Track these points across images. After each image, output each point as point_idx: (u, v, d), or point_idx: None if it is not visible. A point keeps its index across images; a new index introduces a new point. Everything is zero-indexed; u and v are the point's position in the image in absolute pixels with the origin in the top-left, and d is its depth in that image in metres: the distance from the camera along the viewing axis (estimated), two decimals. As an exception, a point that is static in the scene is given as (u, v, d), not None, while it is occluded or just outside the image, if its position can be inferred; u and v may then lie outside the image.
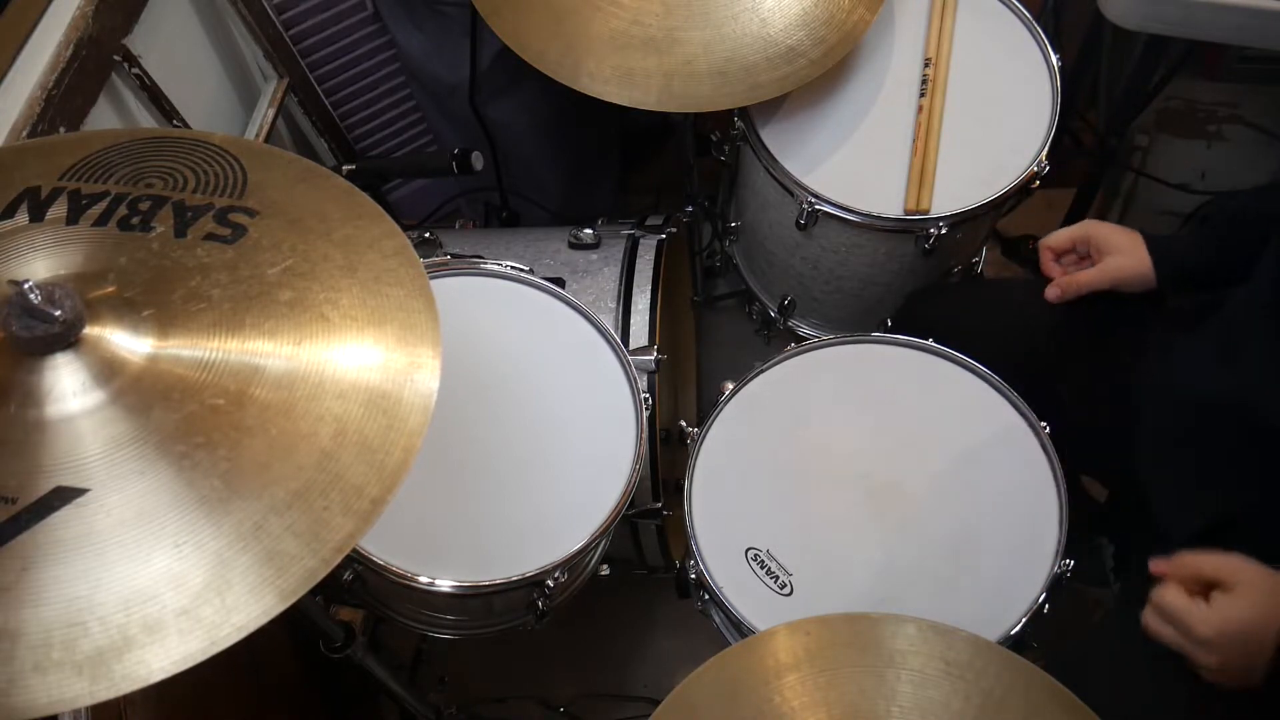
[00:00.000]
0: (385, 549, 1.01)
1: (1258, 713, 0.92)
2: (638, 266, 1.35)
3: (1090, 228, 1.14)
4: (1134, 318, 1.15)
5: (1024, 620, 0.99)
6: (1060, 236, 1.16)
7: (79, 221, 0.77)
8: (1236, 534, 0.89)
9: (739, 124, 1.33)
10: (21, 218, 0.77)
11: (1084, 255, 1.16)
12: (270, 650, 1.26)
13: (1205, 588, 0.86)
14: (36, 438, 0.66)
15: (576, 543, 1.04)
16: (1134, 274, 1.10)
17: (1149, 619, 0.88)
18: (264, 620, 0.62)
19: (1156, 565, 0.89)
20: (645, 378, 1.19)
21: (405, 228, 0.85)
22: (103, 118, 1.17)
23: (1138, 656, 0.99)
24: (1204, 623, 0.83)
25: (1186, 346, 1.06)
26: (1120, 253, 1.11)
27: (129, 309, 0.71)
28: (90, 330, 0.68)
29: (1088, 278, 1.12)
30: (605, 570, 1.21)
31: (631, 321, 1.30)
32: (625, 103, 1.15)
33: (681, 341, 1.81)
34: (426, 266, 0.81)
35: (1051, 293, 1.16)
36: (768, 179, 1.31)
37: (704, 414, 1.17)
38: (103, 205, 0.78)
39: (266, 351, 0.71)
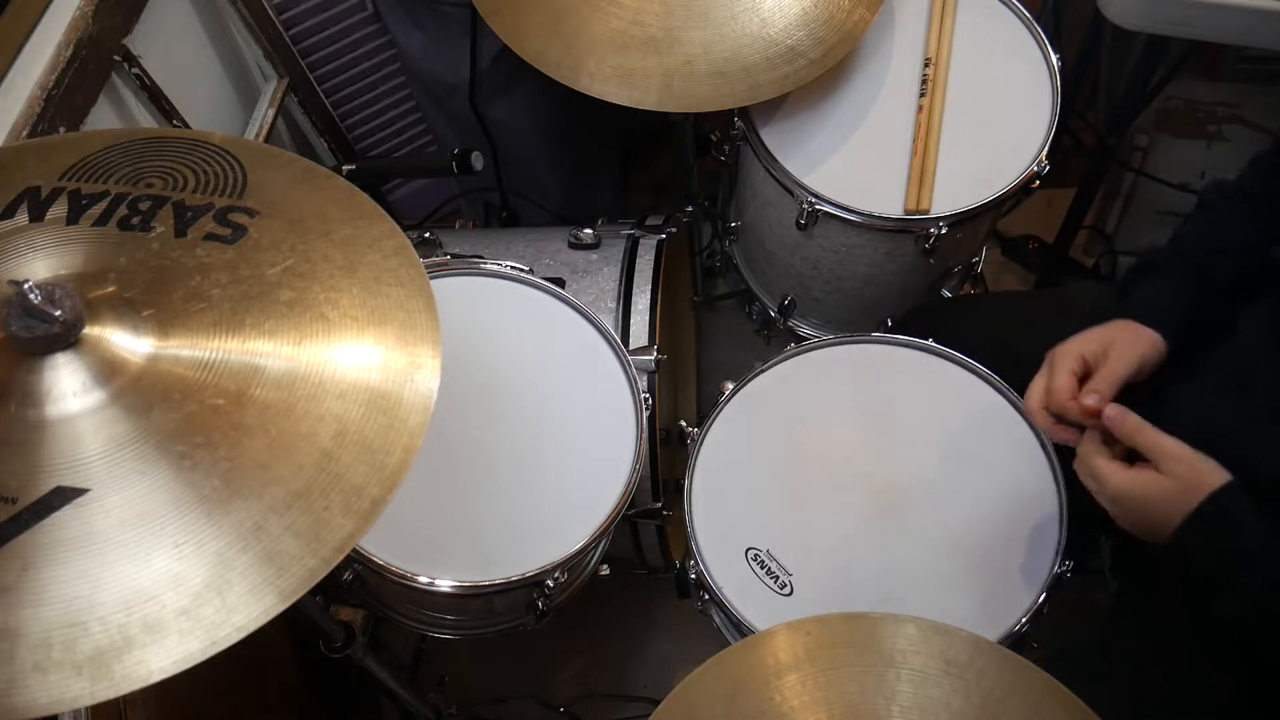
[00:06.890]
0: (385, 549, 1.02)
1: (1255, 710, 0.92)
2: (638, 266, 1.35)
3: (1072, 347, 0.96)
4: None
5: (1024, 620, 0.99)
6: (1060, 383, 0.94)
7: (79, 221, 0.77)
8: None
9: (739, 124, 1.33)
10: (21, 218, 0.77)
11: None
12: (270, 650, 1.26)
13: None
14: (36, 438, 0.66)
15: (576, 543, 1.04)
16: (1146, 355, 0.96)
17: (1078, 459, 0.92)
18: (264, 620, 0.62)
19: (1110, 410, 0.88)
20: (645, 378, 1.19)
21: (405, 228, 0.85)
22: (103, 118, 1.17)
23: (1137, 655, 0.99)
24: (1110, 482, 0.87)
25: (1185, 377, 0.99)
26: (1115, 345, 0.96)
27: (129, 309, 0.71)
28: (90, 330, 0.68)
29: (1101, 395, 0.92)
30: (605, 570, 1.21)
31: (631, 321, 1.30)
32: (625, 103, 1.16)
33: (681, 341, 1.81)
34: (426, 266, 0.81)
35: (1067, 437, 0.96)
36: (768, 179, 1.31)
37: (704, 414, 1.17)
38: (103, 205, 0.78)
39: (266, 351, 0.71)
